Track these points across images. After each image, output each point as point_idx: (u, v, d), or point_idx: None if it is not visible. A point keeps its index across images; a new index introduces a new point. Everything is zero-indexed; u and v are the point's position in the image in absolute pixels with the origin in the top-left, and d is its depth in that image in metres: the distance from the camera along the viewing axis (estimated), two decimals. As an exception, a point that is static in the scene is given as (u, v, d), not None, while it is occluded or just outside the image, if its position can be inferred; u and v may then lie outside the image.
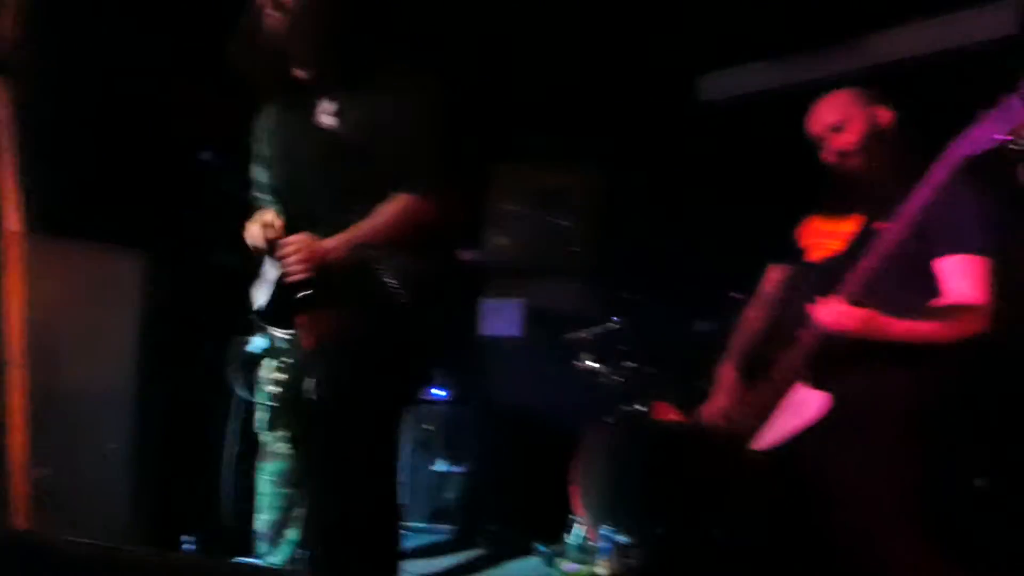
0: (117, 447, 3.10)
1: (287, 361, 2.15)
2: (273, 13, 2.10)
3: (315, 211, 2.12)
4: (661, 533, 2.61)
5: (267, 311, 2.12)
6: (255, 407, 2.39)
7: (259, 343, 2.22)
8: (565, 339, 3.83)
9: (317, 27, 2.10)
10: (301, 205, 2.17)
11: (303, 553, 2.30)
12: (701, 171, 4.03)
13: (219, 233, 2.33)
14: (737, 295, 3.33)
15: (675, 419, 3.14)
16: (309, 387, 2.05)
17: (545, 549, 3.46)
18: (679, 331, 3.77)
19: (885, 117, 2.19)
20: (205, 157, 2.47)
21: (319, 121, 2.14)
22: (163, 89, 3.36)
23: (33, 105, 2.15)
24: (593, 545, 3.37)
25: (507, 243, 4.34)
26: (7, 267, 2.08)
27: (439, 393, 4.08)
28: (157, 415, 3.18)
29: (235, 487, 2.33)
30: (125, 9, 3.21)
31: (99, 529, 2.93)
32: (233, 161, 2.36)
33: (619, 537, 3.20)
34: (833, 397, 1.97)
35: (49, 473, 2.50)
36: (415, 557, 2.97)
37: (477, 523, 3.75)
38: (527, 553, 3.53)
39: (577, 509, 3.46)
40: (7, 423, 2.06)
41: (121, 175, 3.21)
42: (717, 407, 2.24)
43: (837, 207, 2.26)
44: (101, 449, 3.04)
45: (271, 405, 2.20)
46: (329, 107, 2.14)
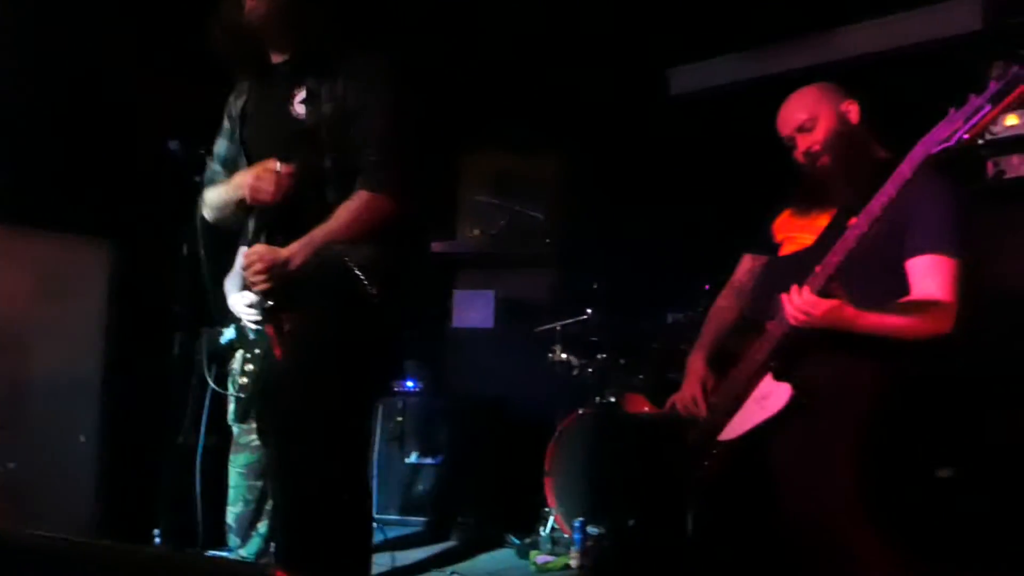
0: (85, 440, 3.06)
1: (257, 353, 2.13)
2: None
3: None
4: (633, 524, 2.62)
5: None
6: (225, 399, 2.38)
7: (229, 334, 2.20)
8: (537, 331, 3.84)
9: (293, 11, 2.10)
10: None
11: (274, 546, 2.29)
12: (672, 163, 4.06)
13: (187, 222, 2.30)
14: (707, 286, 3.37)
15: (647, 410, 3.17)
16: (279, 379, 2.04)
17: (518, 541, 3.48)
18: (650, 322, 3.80)
19: (853, 112, 2.21)
20: (172, 146, 2.45)
21: (293, 109, 2.13)
22: (130, 78, 3.31)
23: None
24: (566, 536, 3.39)
25: (479, 235, 4.34)
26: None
27: (411, 385, 4.08)
28: (125, 407, 3.15)
29: (205, 480, 2.31)
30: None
31: (66, 523, 2.90)
32: (200, 151, 2.34)
33: (591, 528, 3.22)
34: (798, 388, 1.99)
35: (13, 467, 2.47)
36: (388, 549, 2.95)
37: (450, 515, 3.75)
38: (500, 545, 3.54)
39: (550, 500, 3.47)
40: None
41: (87, 165, 3.17)
42: (688, 397, 2.26)
43: (810, 202, 2.28)
44: (68, 441, 3.01)
45: (241, 397, 2.19)
46: (303, 95, 2.13)
